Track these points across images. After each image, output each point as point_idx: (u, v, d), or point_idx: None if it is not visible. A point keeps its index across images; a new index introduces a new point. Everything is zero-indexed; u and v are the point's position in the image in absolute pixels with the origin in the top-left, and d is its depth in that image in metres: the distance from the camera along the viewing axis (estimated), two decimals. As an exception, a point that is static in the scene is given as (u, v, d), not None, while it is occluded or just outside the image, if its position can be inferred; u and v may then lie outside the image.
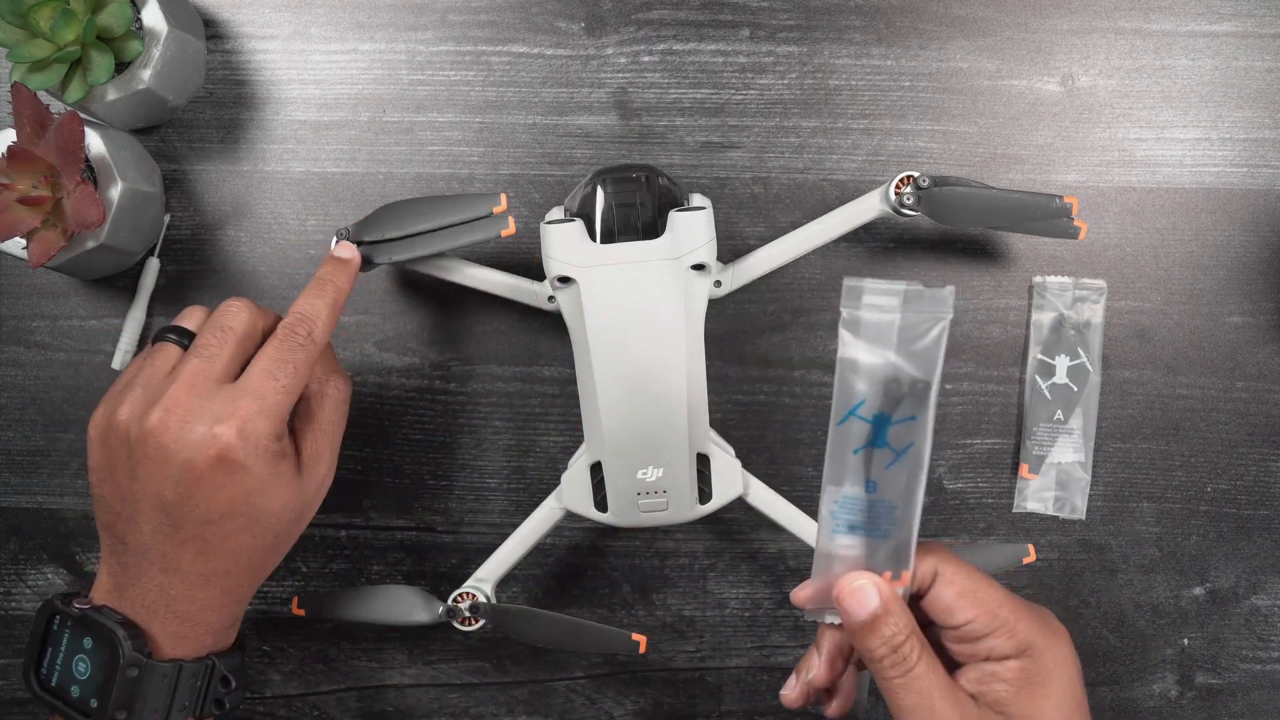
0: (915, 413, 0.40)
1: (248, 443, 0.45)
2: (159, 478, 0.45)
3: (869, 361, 0.40)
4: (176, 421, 0.45)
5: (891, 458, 0.41)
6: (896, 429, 0.40)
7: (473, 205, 0.54)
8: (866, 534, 0.42)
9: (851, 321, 0.40)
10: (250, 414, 0.46)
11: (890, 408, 0.40)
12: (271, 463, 0.46)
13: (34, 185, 0.54)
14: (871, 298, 0.40)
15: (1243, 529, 0.61)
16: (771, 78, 0.61)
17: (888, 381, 0.40)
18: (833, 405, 0.40)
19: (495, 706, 0.62)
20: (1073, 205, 0.54)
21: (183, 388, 0.46)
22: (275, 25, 0.61)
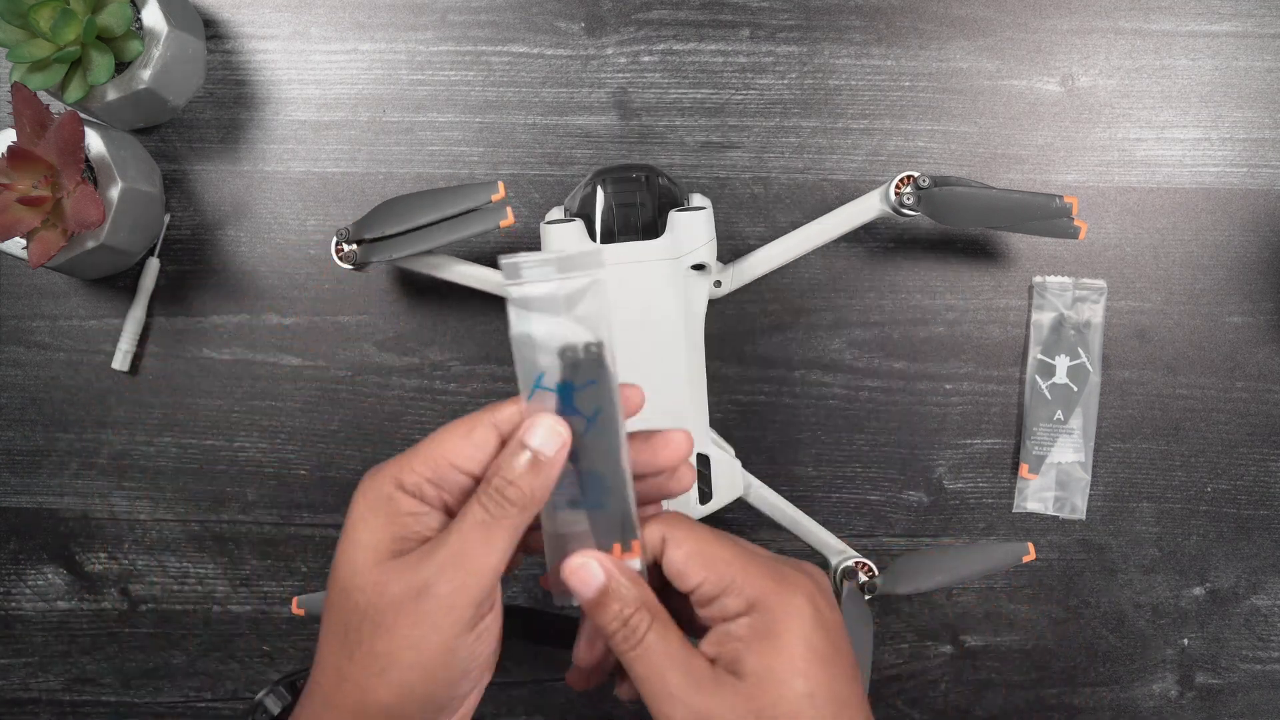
0: (595, 376, 0.40)
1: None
2: None
3: (542, 333, 0.40)
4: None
5: (585, 425, 0.41)
6: (582, 395, 0.40)
7: (471, 195, 0.54)
8: (586, 507, 0.42)
9: (519, 298, 0.40)
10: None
11: (571, 374, 0.40)
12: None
13: (34, 185, 0.54)
14: (531, 270, 0.40)
15: (1243, 529, 0.61)
16: (771, 78, 0.61)
17: (563, 349, 0.40)
18: (519, 383, 0.40)
19: (495, 706, 0.62)
20: (1073, 205, 0.54)
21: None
22: (275, 25, 0.61)
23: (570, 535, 0.42)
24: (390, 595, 0.38)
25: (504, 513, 0.39)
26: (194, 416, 0.61)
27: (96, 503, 0.62)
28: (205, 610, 0.62)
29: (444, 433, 0.41)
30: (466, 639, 0.39)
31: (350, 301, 0.61)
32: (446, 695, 0.40)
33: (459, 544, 0.39)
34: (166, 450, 0.61)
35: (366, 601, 0.39)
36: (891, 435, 0.61)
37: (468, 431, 0.40)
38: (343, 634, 0.39)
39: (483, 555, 0.39)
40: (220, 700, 0.62)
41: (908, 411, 0.61)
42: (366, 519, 0.40)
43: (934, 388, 0.61)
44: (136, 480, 0.61)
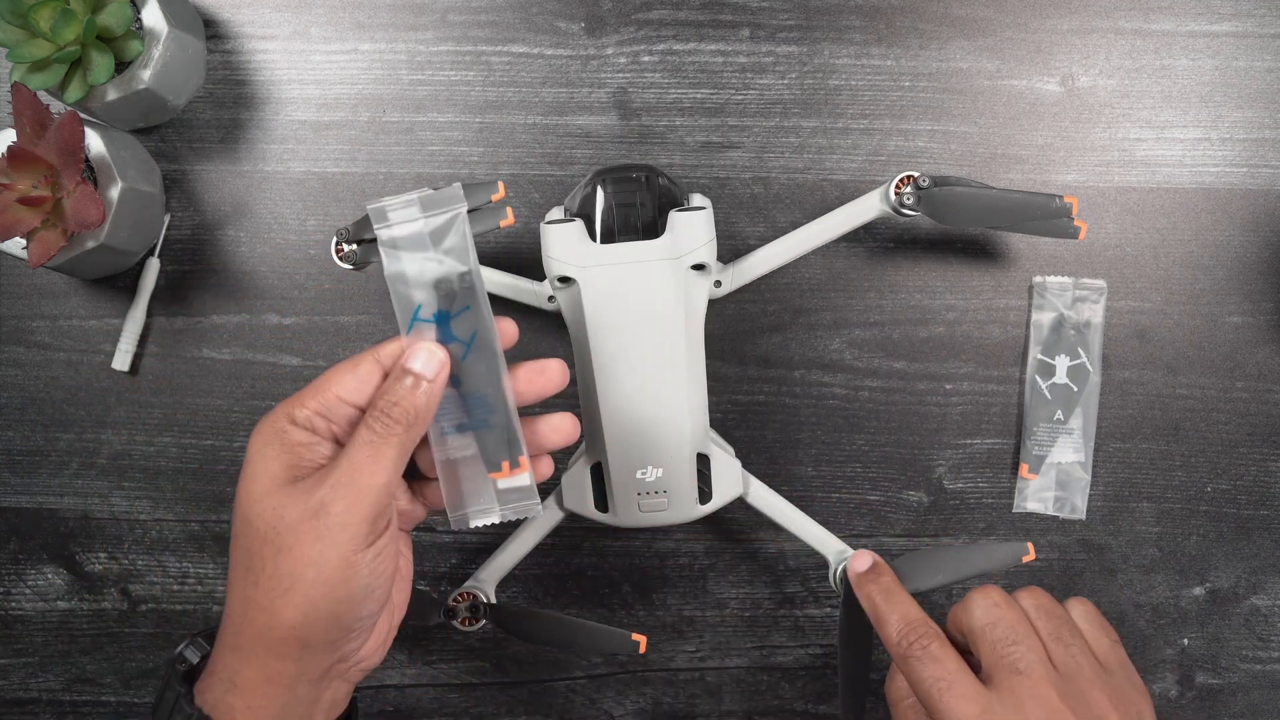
0: (468, 303, 0.44)
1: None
2: None
3: (414, 270, 0.44)
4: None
5: (464, 350, 0.44)
6: (458, 322, 0.44)
7: (471, 195, 0.54)
8: (473, 428, 0.45)
9: (388, 240, 0.44)
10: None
11: (447, 304, 0.44)
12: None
13: (34, 185, 0.54)
14: (396, 213, 0.44)
15: (1243, 529, 0.61)
16: (771, 78, 0.61)
17: (436, 281, 0.44)
18: (398, 319, 0.44)
19: (495, 706, 0.62)
20: (1073, 205, 0.54)
21: None
22: (275, 25, 0.61)
23: (460, 460, 0.45)
24: (289, 518, 0.40)
25: (390, 431, 0.41)
26: (194, 416, 0.61)
27: (96, 503, 0.62)
28: (205, 610, 0.62)
29: (331, 371, 0.43)
30: (365, 555, 0.41)
31: (350, 301, 0.61)
32: (351, 615, 0.41)
33: (349, 464, 0.41)
34: (166, 450, 0.61)
35: (266, 526, 0.41)
36: (891, 435, 0.61)
37: (353, 367, 0.43)
38: (246, 562, 0.41)
39: (372, 473, 0.41)
40: (220, 700, 0.62)
41: (908, 411, 0.61)
42: (262, 451, 0.42)
43: (934, 388, 0.61)
44: (136, 480, 0.61)
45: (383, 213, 0.44)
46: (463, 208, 0.44)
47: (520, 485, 0.45)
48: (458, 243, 0.44)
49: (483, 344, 0.44)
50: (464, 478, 0.45)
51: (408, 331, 0.44)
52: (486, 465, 0.45)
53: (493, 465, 0.45)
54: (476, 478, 0.45)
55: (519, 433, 0.45)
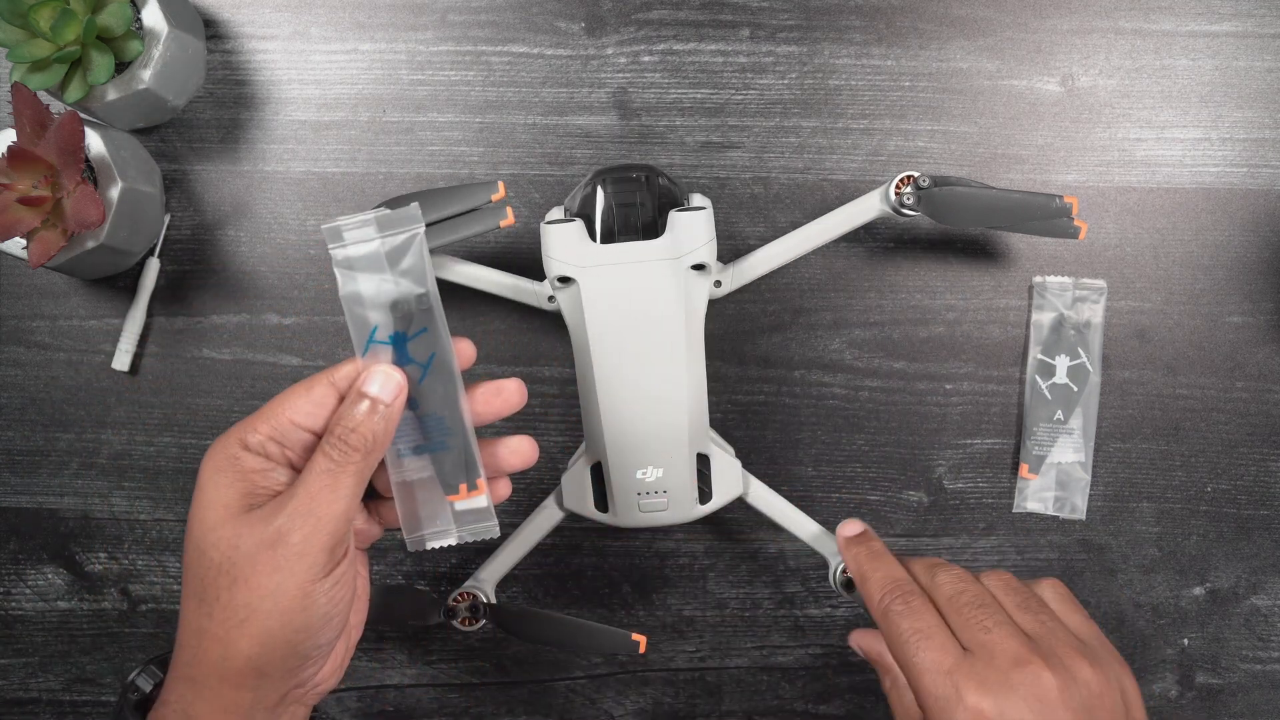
0: (425, 325, 0.43)
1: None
2: None
3: (369, 290, 0.43)
4: None
5: (421, 372, 0.43)
6: (415, 344, 0.43)
7: (471, 195, 0.54)
8: (430, 450, 0.44)
9: (343, 260, 0.43)
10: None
11: (403, 326, 0.43)
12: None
13: (34, 185, 0.54)
14: (351, 233, 0.43)
15: (1243, 529, 0.61)
16: (771, 78, 0.61)
17: (392, 303, 0.43)
18: (353, 341, 0.43)
19: (495, 706, 0.62)
20: (1073, 205, 0.54)
21: None
22: (275, 25, 0.61)
23: (417, 482, 0.44)
24: (244, 548, 0.40)
25: (348, 459, 0.41)
26: (194, 416, 0.61)
27: (96, 503, 0.62)
28: (205, 610, 0.62)
29: (284, 394, 0.42)
30: (323, 585, 0.40)
31: (350, 301, 0.61)
32: (308, 644, 0.41)
33: (307, 492, 0.40)
34: (166, 450, 0.61)
35: (221, 556, 0.40)
36: (891, 435, 0.61)
37: (306, 390, 0.42)
38: (200, 592, 0.41)
39: (330, 501, 0.40)
40: (220, 700, 0.62)
41: (908, 411, 0.61)
42: (214, 479, 0.41)
43: (934, 388, 0.61)
44: (136, 480, 0.61)
45: (337, 232, 0.43)
46: (420, 228, 0.43)
47: (478, 507, 0.45)
48: (415, 264, 0.43)
49: (440, 366, 0.43)
50: (421, 500, 0.45)
51: (363, 353, 0.43)
52: (444, 487, 0.44)
53: (450, 487, 0.44)
54: (433, 500, 0.45)
55: (476, 455, 0.44)
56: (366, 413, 0.42)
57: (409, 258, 0.43)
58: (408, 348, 0.43)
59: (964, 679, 0.41)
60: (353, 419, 0.41)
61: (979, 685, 0.40)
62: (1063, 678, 0.41)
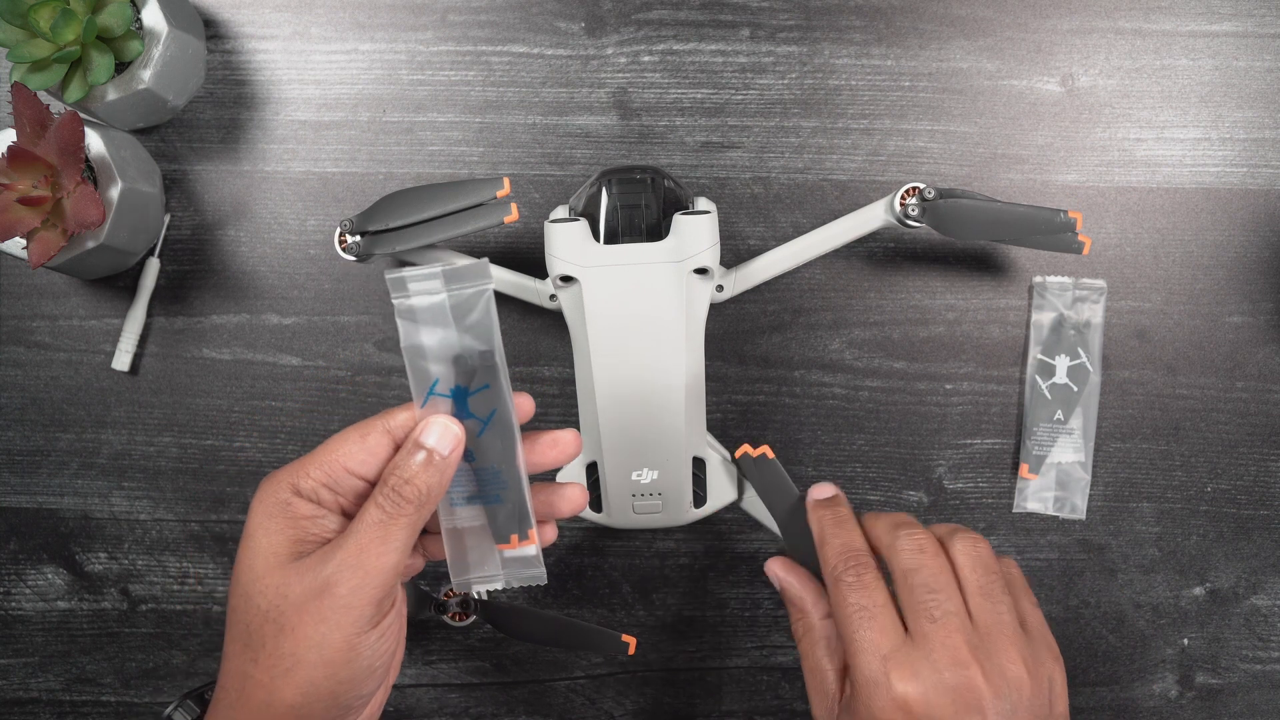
0: (488, 381, 0.42)
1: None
2: None
3: (432, 343, 0.42)
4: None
5: (480, 426, 0.42)
6: (475, 399, 0.42)
7: (476, 190, 0.54)
8: (483, 502, 0.44)
9: (406, 310, 0.41)
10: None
11: (465, 380, 0.42)
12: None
13: (34, 185, 0.54)
14: (417, 284, 0.41)
15: (1243, 529, 0.61)
16: (771, 78, 0.61)
17: (455, 358, 0.42)
18: (412, 391, 0.42)
19: (495, 706, 0.62)
20: (1077, 220, 0.54)
21: None
22: (275, 25, 0.61)
23: (468, 530, 0.44)
24: (292, 597, 0.39)
25: (400, 510, 0.40)
26: (194, 416, 0.61)
27: (96, 503, 0.61)
28: (205, 610, 0.62)
29: (338, 439, 0.41)
30: (369, 637, 0.40)
31: (350, 301, 0.61)
32: (351, 694, 0.40)
33: (357, 544, 0.39)
34: (166, 450, 0.61)
35: (269, 604, 0.39)
36: (891, 435, 0.61)
37: (361, 437, 0.41)
38: (245, 638, 0.40)
39: (381, 554, 0.39)
40: (220, 700, 0.62)
41: (908, 411, 0.61)
42: (265, 525, 0.40)
43: (934, 388, 0.61)
44: (136, 480, 0.61)
45: (402, 283, 0.41)
46: (489, 284, 0.42)
47: (527, 555, 0.44)
48: (481, 320, 0.42)
49: (500, 422, 0.42)
50: (470, 546, 0.44)
51: (423, 405, 0.42)
52: (495, 537, 0.44)
53: (501, 538, 0.44)
54: (483, 546, 0.44)
55: (529, 507, 0.43)
56: (422, 465, 0.40)
57: (475, 313, 0.42)
58: (468, 402, 0.42)
59: (897, 666, 0.41)
60: (408, 470, 0.40)
61: (911, 675, 0.40)
62: (995, 684, 0.41)
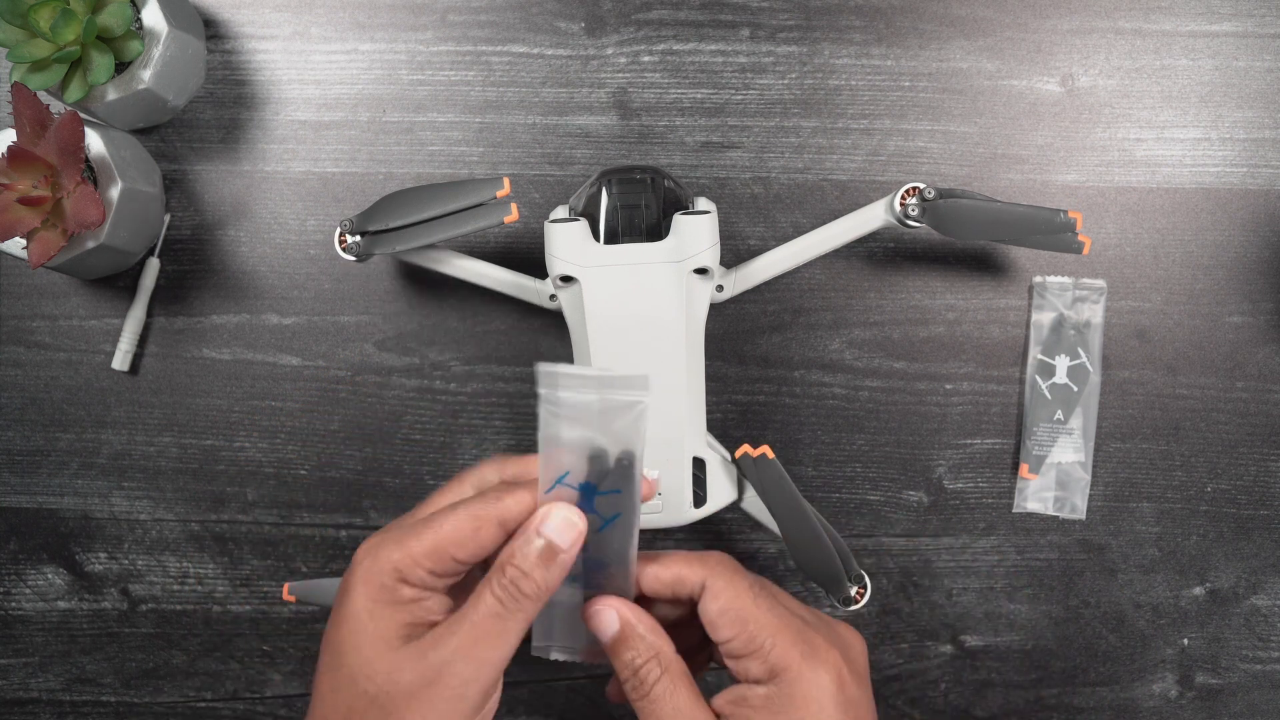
0: (620, 486, 0.41)
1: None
2: None
3: (572, 436, 0.40)
4: None
5: (601, 523, 0.41)
6: (602, 500, 0.41)
7: (476, 190, 0.54)
8: (584, 586, 0.43)
9: (552, 400, 0.40)
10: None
11: (597, 479, 0.40)
12: (370, 618, 0.41)
13: (34, 185, 0.54)
14: (569, 382, 0.40)
15: (1243, 529, 0.61)
16: (771, 78, 0.61)
17: (592, 456, 0.40)
18: (540, 477, 0.40)
19: (495, 706, 0.62)
20: (1077, 220, 0.54)
21: None
22: (275, 25, 0.61)
23: (562, 604, 0.43)
24: (403, 684, 0.38)
25: (518, 606, 0.39)
26: (194, 416, 0.61)
27: (96, 503, 0.61)
28: (205, 610, 0.62)
29: (448, 521, 0.40)
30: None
31: (350, 301, 0.61)
32: None
33: (472, 634, 0.39)
34: (166, 450, 0.61)
35: (377, 689, 0.39)
36: (891, 435, 0.61)
37: (474, 529, 0.40)
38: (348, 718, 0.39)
39: (495, 646, 0.39)
40: (220, 700, 0.62)
41: (908, 411, 0.61)
42: (372, 609, 0.39)
43: (934, 388, 0.61)
44: (136, 480, 0.61)
45: (554, 378, 0.40)
46: (645, 400, 0.40)
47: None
48: (628, 428, 0.40)
49: (622, 526, 0.41)
50: (558, 617, 0.43)
51: (546, 491, 0.40)
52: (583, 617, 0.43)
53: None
54: (571, 619, 0.43)
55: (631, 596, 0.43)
56: (540, 558, 0.39)
57: (624, 421, 0.40)
58: (595, 501, 0.41)
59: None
60: (526, 561, 0.39)
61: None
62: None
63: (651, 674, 0.41)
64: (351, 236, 0.55)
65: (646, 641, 0.42)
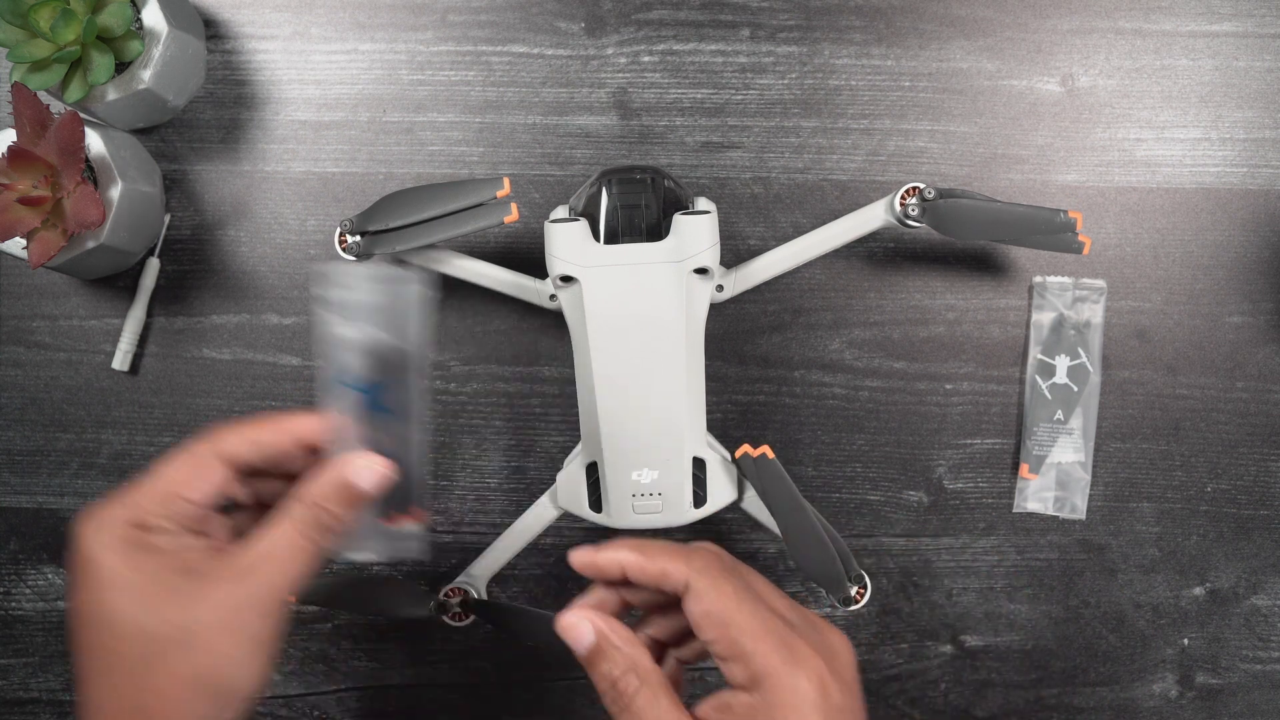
0: (399, 378, 0.44)
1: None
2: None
3: (352, 336, 0.43)
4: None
5: (385, 418, 0.44)
6: (385, 394, 0.44)
7: (476, 190, 0.54)
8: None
9: (331, 302, 0.43)
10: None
11: (379, 376, 0.44)
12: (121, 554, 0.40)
13: (34, 185, 0.54)
14: (343, 280, 0.43)
15: (1243, 529, 0.61)
16: (771, 78, 0.61)
17: (371, 352, 0.43)
18: (326, 378, 0.43)
19: (495, 706, 0.62)
20: (1077, 220, 0.54)
21: None
22: (275, 25, 0.61)
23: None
24: (204, 618, 0.38)
25: (323, 539, 0.40)
26: (194, 416, 0.61)
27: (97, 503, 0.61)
28: (205, 610, 0.62)
29: (171, 468, 0.41)
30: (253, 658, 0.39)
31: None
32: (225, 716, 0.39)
33: (270, 561, 0.39)
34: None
35: (135, 634, 0.38)
36: (891, 435, 0.61)
37: (197, 467, 0.41)
38: (108, 673, 0.39)
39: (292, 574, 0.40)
40: (220, 700, 0.62)
41: (908, 411, 0.61)
42: (128, 561, 0.39)
43: (934, 388, 0.61)
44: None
45: (331, 276, 0.43)
46: (415, 287, 0.43)
47: (406, 531, 0.46)
48: (403, 323, 0.43)
49: (405, 416, 0.44)
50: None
51: (332, 393, 0.43)
52: (380, 513, 0.45)
53: (385, 515, 0.45)
54: (368, 519, 0.45)
55: (419, 490, 0.45)
56: (346, 501, 0.42)
57: (396, 315, 0.43)
58: (379, 396, 0.44)
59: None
60: (335, 503, 0.41)
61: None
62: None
63: (630, 685, 0.41)
64: (351, 236, 0.55)
65: (623, 653, 0.41)
